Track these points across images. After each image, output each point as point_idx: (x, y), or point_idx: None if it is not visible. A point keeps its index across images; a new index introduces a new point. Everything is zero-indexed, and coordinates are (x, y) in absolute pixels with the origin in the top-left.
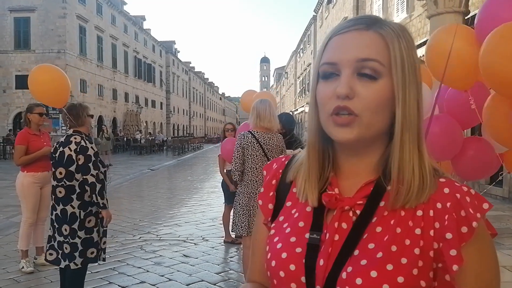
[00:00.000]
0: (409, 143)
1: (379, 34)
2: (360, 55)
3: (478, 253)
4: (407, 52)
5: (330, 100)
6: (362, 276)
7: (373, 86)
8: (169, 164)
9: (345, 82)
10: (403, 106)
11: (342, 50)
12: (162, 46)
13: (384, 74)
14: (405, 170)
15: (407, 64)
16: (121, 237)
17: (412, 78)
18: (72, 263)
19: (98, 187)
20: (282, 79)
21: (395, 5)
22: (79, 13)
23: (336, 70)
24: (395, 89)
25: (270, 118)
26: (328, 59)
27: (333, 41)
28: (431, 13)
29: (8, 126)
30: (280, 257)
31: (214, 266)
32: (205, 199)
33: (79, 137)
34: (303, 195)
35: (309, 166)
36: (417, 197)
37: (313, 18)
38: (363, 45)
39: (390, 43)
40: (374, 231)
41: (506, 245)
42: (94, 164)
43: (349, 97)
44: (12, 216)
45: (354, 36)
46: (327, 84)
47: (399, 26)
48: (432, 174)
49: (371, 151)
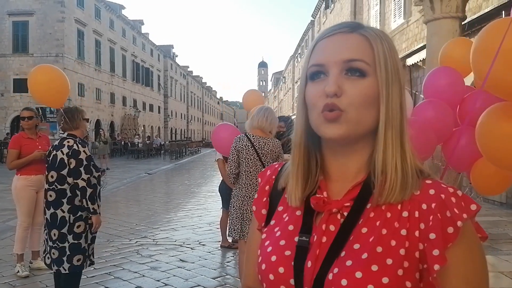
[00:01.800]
0: (392, 139)
1: (363, 36)
2: (346, 56)
3: (464, 254)
4: (389, 54)
5: (320, 99)
6: (347, 277)
7: (360, 83)
8: (166, 168)
9: (334, 80)
10: (387, 104)
11: (329, 52)
12: (160, 50)
13: (370, 73)
14: (387, 165)
15: (390, 64)
16: (117, 241)
17: (395, 78)
18: (62, 267)
19: (89, 192)
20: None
21: (392, 10)
22: (77, 17)
23: (324, 70)
24: (380, 87)
25: (262, 119)
26: (316, 61)
27: (319, 45)
28: (428, 19)
29: (5, 130)
30: (270, 260)
31: (211, 271)
32: (202, 204)
33: (72, 140)
34: (289, 195)
35: (295, 165)
36: (400, 193)
37: (311, 23)
38: (349, 46)
39: (374, 44)
40: (359, 232)
41: (504, 250)
42: (86, 168)
43: (337, 95)
44: (9, 220)
45: (340, 39)
46: (315, 84)
47: (380, 30)
48: (417, 173)
49: (358, 150)
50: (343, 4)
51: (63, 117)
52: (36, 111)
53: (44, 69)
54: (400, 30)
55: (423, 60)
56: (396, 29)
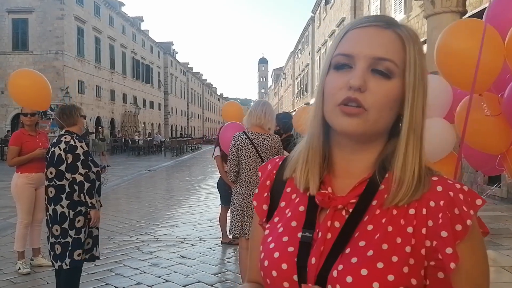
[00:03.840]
0: (413, 144)
1: (397, 34)
2: (377, 54)
3: (470, 250)
4: (419, 57)
5: (340, 91)
6: (352, 274)
7: (385, 84)
8: (167, 165)
9: (360, 74)
10: (411, 108)
11: (359, 44)
12: (160, 47)
13: (397, 75)
14: (406, 171)
15: (419, 68)
16: (118, 238)
17: (421, 82)
18: (64, 263)
19: (87, 186)
20: (280, 79)
21: (393, 5)
22: (77, 14)
23: (351, 62)
24: (406, 91)
25: (260, 116)
26: (344, 50)
27: (350, 34)
28: (428, 13)
29: (6, 127)
30: (273, 256)
31: (211, 267)
32: (203, 200)
33: (69, 136)
34: (303, 183)
35: (312, 154)
36: (411, 196)
37: (310, 19)
38: (381, 43)
39: (407, 45)
40: (365, 229)
41: (505, 245)
42: (83, 163)
43: (361, 90)
44: (9, 217)
45: (373, 32)
46: (338, 75)
47: (413, 31)
48: (426, 173)
49: (369, 149)
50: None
51: (60, 114)
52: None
53: (22, 74)
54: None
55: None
56: None
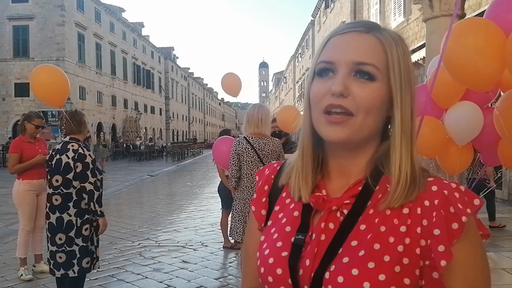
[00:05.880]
0: (405, 146)
1: (377, 38)
2: (357, 58)
3: (467, 249)
4: (403, 59)
5: (324, 97)
6: (343, 274)
7: (368, 87)
8: (168, 170)
9: (341, 80)
10: (401, 110)
11: (340, 50)
12: (160, 52)
13: (379, 78)
14: (399, 172)
15: (403, 70)
16: (120, 243)
17: (408, 83)
18: (71, 270)
19: (96, 195)
20: (281, 83)
21: (392, 9)
22: (77, 20)
23: (333, 68)
24: (394, 93)
25: (257, 123)
26: (326, 57)
27: (332, 41)
28: (426, 17)
29: (7, 134)
30: (268, 262)
31: (213, 271)
32: (205, 205)
33: (77, 144)
34: (297, 192)
35: (304, 163)
36: (406, 197)
37: (311, 23)
38: (362, 48)
39: (388, 49)
40: (358, 229)
41: (506, 247)
42: (92, 171)
43: (343, 95)
44: (12, 224)
45: (353, 38)
46: (321, 81)
47: (396, 33)
48: (421, 174)
49: (361, 153)
50: (343, 3)
51: (68, 121)
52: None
53: (45, 69)
54: (400, 28)
55: (424, 58)
56: (396, 28)
